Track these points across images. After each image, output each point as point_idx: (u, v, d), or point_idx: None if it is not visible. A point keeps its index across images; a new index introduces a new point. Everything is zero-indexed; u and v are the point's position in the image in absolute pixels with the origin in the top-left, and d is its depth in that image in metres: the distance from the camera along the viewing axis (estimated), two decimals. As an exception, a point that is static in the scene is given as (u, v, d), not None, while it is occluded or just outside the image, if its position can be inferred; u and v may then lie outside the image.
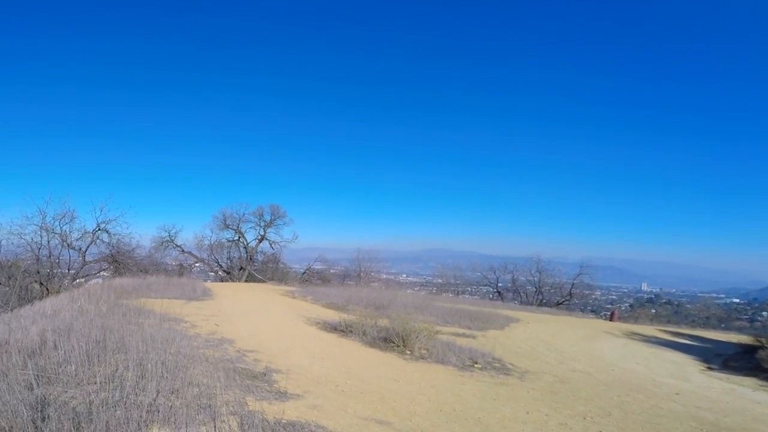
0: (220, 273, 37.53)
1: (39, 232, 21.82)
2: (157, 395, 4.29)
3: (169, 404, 4.17)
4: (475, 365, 8.97)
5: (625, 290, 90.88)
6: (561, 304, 34.64)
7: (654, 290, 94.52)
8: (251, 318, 12.42)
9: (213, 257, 37.59)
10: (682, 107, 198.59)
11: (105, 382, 4.54)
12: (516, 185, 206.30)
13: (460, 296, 35.21)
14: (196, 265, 37.47)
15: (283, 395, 5.53)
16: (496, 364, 9.35)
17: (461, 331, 13.48)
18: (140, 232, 31.10)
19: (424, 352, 9.44)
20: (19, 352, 5.40)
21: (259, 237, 37.17)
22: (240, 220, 36.89)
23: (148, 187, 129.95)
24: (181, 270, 33.23)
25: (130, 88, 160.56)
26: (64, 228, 23.00)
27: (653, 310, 47.66)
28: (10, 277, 19.45)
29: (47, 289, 19.97)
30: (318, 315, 14.03)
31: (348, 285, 29.87)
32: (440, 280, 42.38)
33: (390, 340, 9.81)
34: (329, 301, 17.73)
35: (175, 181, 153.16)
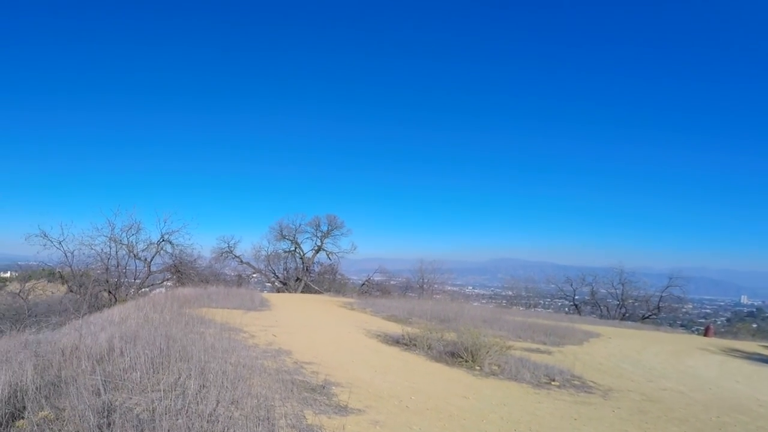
0: (276, 283, 38.97)
1: (108, 243, 24.11)
2: (217, 405, 4.29)
3: (229, 415, 4.15)
4: (552, 382, 8.50)
5: (722, 303, 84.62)
6: (647, 318, 32.65)
7: (755, 303, 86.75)
8: (309, 329, 12.60)
9: (270, 268, 39.18)
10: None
11: (168, 390, 4.64)
12: (594, 192, 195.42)
13: (532, 309, 34.03)
14: (254, 275, 39.22)
15: (343, 409, 5.40)
16: (576, 382, 8.82)
17: (535, 346, 12.92)
18: (201, 243, 33.30)
19: (495, 368, 9.10)
20: (88, 357, 5.75)
21: (316, 248, 38.35)
22: (296, 230, 38.36)
23: (208, 198, 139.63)
24: (240, 280, 34.95)
25: (189, 102, 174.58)
26: (130, 239, 25.27)
27: (755, 325, 43.69)
28: (81, 286, 21.57)
29: (115, 298, 21.84)
30: (378, 327, 13.96)
31: (410, 297, 29.67)
32: (510, 293, 41.43)
33: (458, 355, 9.54)
34: (390, 314, 17.60)
35: (234, 192, 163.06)
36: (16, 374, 4.71)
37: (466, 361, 9.27)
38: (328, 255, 38.42)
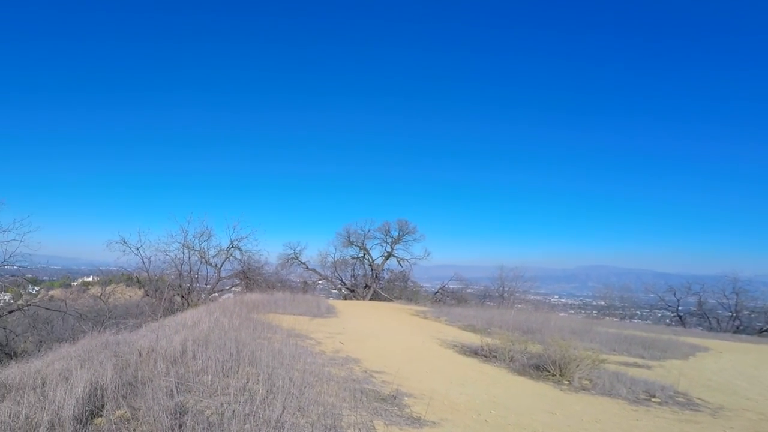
0: (343, 291, 40.00)
1: (181, 249, 26.30)
2: (283, 411, 4.43)
3: (295, 422, 4.26)
4: (652, 399, 8.35)
5: None
6: (765, 331, 30.48)
7: None
8: (378, 337, 12.83)
9: (336, 274, 40.28)
10: None
11: (237, 394, 4.91)
12: (702, 192, 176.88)
13: (628, 321, 32.55)
14: (320, 282, 40.57)
15: (416, 421, 5.39)
16: (680, 399, 8.60)
17: (632, 360, 12.52)
18: (268, 250, 35.24)
19: (586, 382, 8.93)
20: (163, 359, 6.28)
21: (386, 254, 38.86)
22: (365, 236, 39.13)
23: (275, 205, 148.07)
24: (305, 287, 36.36)
25: (258, 108, 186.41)
26: (202, 245, 27.42)
27: None
28: (156, 290, 23.91)
29: (187, 302, 23.86)
30: (454, 337, 13.95)
31: (488, 306, 29.50)
32: (602, 302, 39.98)
33: (543, 368, 9.45)
34: (467, 323, 17.55)
35: (301, 198, 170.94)
36: (96, 373, 5.26)
37: (553, 375, 9.19)
38: (398, 261, 38.80)
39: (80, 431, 4.05)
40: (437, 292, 38.75)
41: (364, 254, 39.45)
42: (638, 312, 39.21)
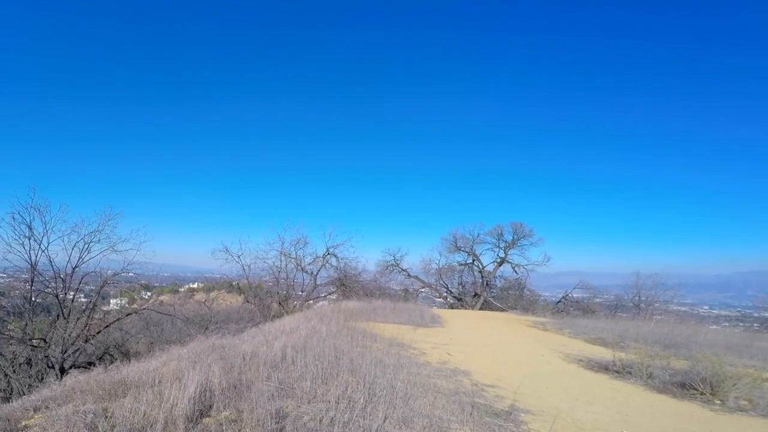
0: (449, 299, 40.14)
1: (279, 257, 28.69)
2: (384, 421, 4.58)
3: (397, 432, 4.38)
4: None
5: None
6: None
7: None
8: (490, 349, 12.79)
9: (442, 282, 40.68)
10: None
11: (336, 402, 5.19)
12: None
13: None
14: (423, 290, 41.02)
15: (534, 439, 5.23)
16: None
17: None
18: (366, 256, 36.67)
19: (744, 403, 8.35)
20: (264, 364, 6.86)
21: (498, 260, 38.58)
22: (474, 241, 39.23)
23: (374, 211, 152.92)
24: (407, 295, 37.03)
25: (352, 113, 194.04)
26: (298, 253, 29.57)
27: None
28: (255, 296, 26.25)
29: (284, 309, 25.70)
30: (580, 351, 13.54)
31: (621, 317, 28.63)
32: (766, 314, 36.01)
33: (690, 386, 9.07)
34: (595, 336, 16.90)
35: (401, 202, 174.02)
36: (205, 375, 5.91)
37: (702, 394, 8.75)
38: (513, 268, 38.41)
39: (191, 430, 4.59)
40: (559, 301, 37.44)
41: (473, 260, 39.51)
42: (815, 325, 34.25)
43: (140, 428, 4.43)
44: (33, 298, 17.00)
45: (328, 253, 30.21)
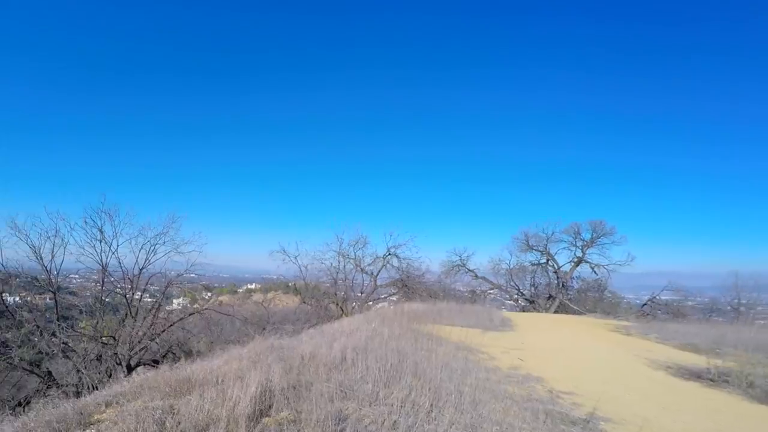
0: (520, 301, 39.63)
1: (337, 258, 29.41)
2: (451, 427, 4.59)
3: (464, 438, 4.37)
4: None
5: None
6: None
7: None
8: (566, 355, 12.63)
9: (512, 283, 40.24)
10: None
11: (399, 405, 5.25)
12: None
13: None
14: (491, 291, 40.60)
15: (616, 449, 5.09)
16: None
17: None
18: (429, 257, 36.94)
19: None
20: (324, 365, 7.06)
21: (576, 259, 37.78)
22: (548, 239, 38.63)
23: (437, 209, 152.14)
24: (474, 297, 36.74)
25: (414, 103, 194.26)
26: (357, 253, 30.14)
27: None
28: (312, 297, 27.05)
29: (342, 310, 26.27)
30: (668, 357, 13.12)
31: (716, 322, 27.43)
32: None
33: None
34: (685, 342, 16.35)
35: (467, 199, 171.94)
36: (266, 375, 6.16)
37: None
38: (592, 268, 37.57)
39: (251, 429, 4.80)
40: (645, 304, 35.92)
41: (548, 260, 38.96)
42: None
43: (204, 425, 4.68)
44: (103, 298, 18.47)
45: (389, 254, 30.68)
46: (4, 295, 17.51)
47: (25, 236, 16.84)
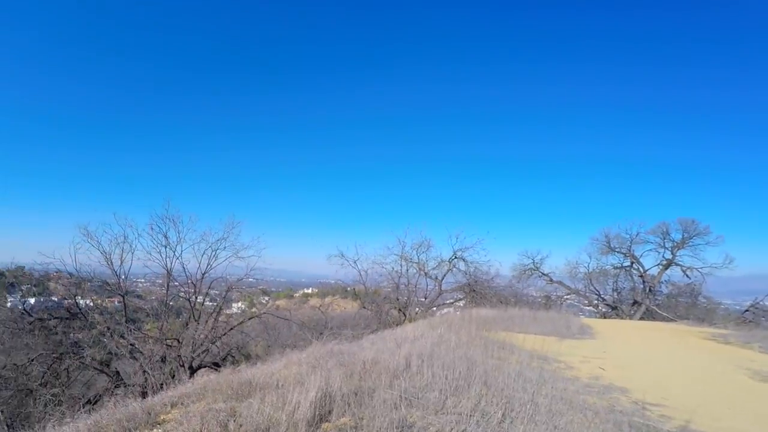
0: (601, 307, 38.39)
1: (398, 261, 29.39)
2: (524, 438, 4.48)
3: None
4: None
5: None
6: None
7: None
8: (654, 364, 12.29)
9: (592, 288, 39.11)
10: None
11: (468, 415, 5.20)
12: None
13: None
14: (568, 297, 39.53)
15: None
16: None
17: None
18: (500, 260, 36.29)
19: None
20: (386, 371, 7.11)
21: (664, 262, 36.24)
22: (631, 241, 37.28)
23: (508, 210, 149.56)
24: (548, 302, 35.86)
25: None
26: (420, 257, 30.00)
27: None
28: (372, 303, 27.21)
29: (404, 315, 26.28)
30: None
31: None
32: None
33: None
34: None
35: (540, 201, 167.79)
36: (325, 380, 6.28)
37: None
38: (684, 271, 35.77)
39: (311, 434, 4.92)
40: (746, 310, 33.76)
41: (632, 263, 37.61)
42: None
43: (265, 428, 4.84)
44: (168, 302, 19.62)
45: (455, 257, 30.44)
46: (77, 298, 19.12)
47: (97, 243, 18.17)
